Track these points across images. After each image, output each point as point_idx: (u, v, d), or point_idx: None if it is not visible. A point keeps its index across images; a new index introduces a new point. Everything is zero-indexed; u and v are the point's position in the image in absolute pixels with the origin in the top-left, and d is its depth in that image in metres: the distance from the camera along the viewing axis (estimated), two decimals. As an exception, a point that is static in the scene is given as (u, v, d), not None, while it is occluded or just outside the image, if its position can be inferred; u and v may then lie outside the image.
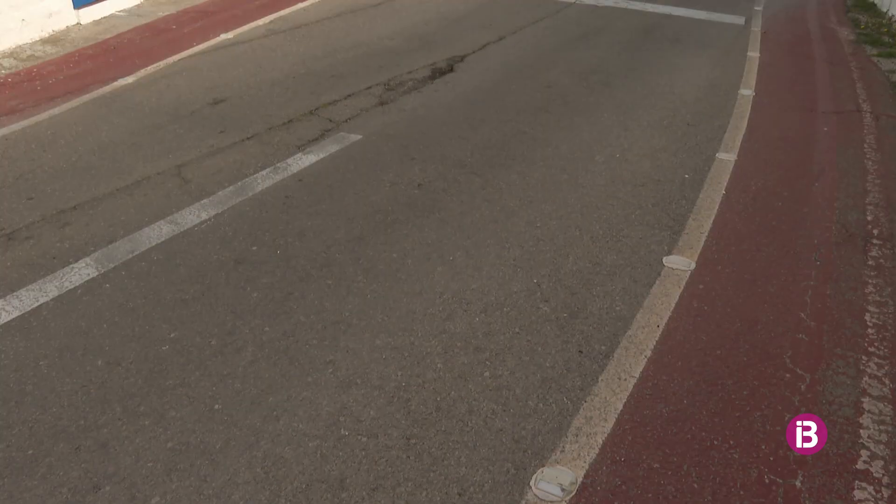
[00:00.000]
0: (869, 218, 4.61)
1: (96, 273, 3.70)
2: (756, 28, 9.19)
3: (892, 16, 9.99)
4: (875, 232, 4.43)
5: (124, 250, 3.90)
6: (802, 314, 3.62)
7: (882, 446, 2.85)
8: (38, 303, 3.48)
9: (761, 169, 5.21)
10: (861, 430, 2.93)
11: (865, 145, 5.73)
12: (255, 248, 3.96)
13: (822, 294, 3.80)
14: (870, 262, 4.12)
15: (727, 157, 5.32)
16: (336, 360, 3.16)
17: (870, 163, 5.41)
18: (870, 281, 3.94)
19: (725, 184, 4.91)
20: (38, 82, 6.40)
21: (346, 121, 5.57)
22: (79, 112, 5.79)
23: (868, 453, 2.82)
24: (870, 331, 3.54)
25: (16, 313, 3.40)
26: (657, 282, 3.82)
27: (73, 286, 3.60)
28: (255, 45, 7.51)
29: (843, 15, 10.45)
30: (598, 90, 6.57)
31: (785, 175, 5.15)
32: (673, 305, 3.64)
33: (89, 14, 8.19)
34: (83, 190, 4.55)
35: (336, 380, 3.05)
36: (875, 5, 10.83)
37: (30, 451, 2.66)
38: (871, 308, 3.71)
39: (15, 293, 3.53)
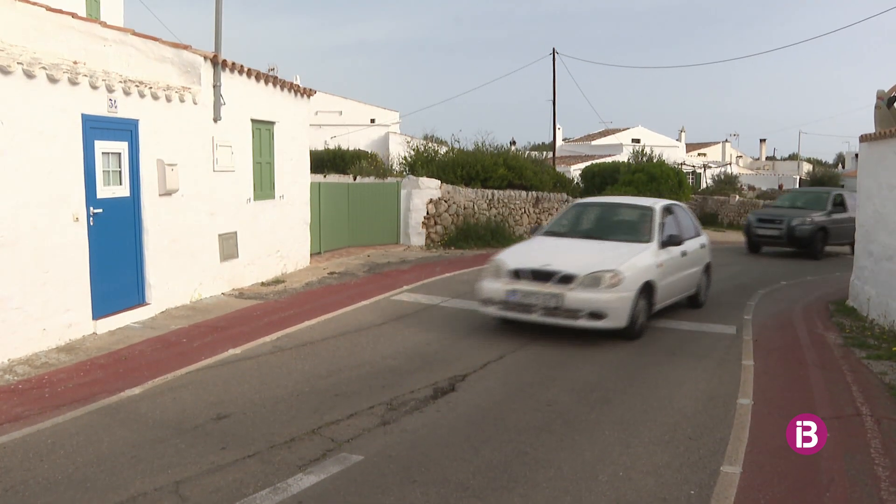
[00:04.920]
0: (892, 532, 4.45)
1: None
2: (747, 336, 9.55)
3: (873, 320, 10.43)
4: (903, 549, 4.25)
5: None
6: None
7: None
8: None
9: (768, 481, 5.12)
10: None
11: (872, 450, 5.67)
12: (248, 583, 3.79)
13: None
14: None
15: (732, 469, 5.25)
16: None
17: (880, 469, 5.31)
18: None
19: (732, 499, 4.80)
20: (47, 389, 6.55)
21: (348, 441, 5.59)
22: (83, 421, 5.86)
23: None
24: None
25: None
26: None
27: None
28: (261, 361, 7.77)
29: (827, 320, 10.89)
30: (598, 407, 6.65)
31: (793, 486, 5.06)
32: None
33: (106, 325, 8.63)
34: (74, 505, 4.44)
35: None
36: (855, 310, 11.35)
37: None
38: None
39: None
